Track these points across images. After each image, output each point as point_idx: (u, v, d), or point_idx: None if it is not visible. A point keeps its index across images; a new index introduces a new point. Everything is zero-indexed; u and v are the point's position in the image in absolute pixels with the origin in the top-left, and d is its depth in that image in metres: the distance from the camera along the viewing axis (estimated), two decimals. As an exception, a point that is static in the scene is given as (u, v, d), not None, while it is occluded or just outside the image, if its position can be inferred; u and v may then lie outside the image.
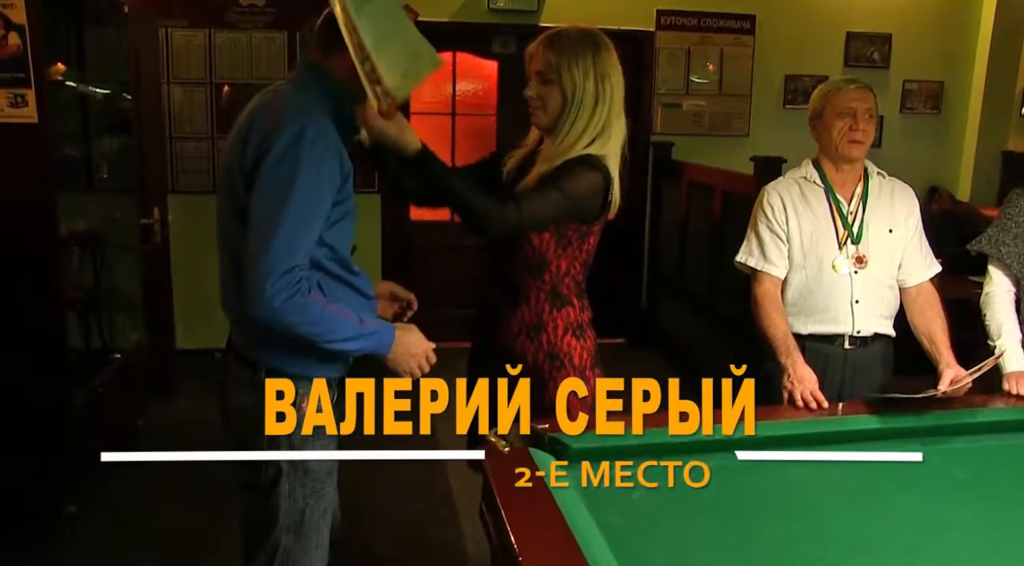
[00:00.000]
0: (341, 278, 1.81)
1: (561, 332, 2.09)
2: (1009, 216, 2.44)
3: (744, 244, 2.50)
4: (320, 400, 1.73)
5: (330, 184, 1.72)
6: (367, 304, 1.87)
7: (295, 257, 1.66)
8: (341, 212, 1.78)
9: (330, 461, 1.89)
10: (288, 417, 1.73)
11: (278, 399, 1.70)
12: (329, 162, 1.71)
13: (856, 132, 2.35)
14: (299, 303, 1.66)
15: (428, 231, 5.71)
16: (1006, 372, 2.25)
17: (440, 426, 1.60)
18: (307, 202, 1.67)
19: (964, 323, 2.56)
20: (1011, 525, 1.60)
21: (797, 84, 5.78)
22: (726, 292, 4.59)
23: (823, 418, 2.05)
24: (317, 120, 1.72)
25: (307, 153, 1.68)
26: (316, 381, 1.71)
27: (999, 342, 2.31)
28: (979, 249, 2.46)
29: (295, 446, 1.81)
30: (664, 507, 1.63)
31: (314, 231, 1.70)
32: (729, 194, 4.61)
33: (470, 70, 5.62)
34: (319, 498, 1.89)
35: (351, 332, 1.72)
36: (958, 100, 6.03)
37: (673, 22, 5.58)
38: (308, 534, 1.90)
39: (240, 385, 1.85)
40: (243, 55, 5.09)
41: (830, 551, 1.49)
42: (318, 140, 1.69)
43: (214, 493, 3.29)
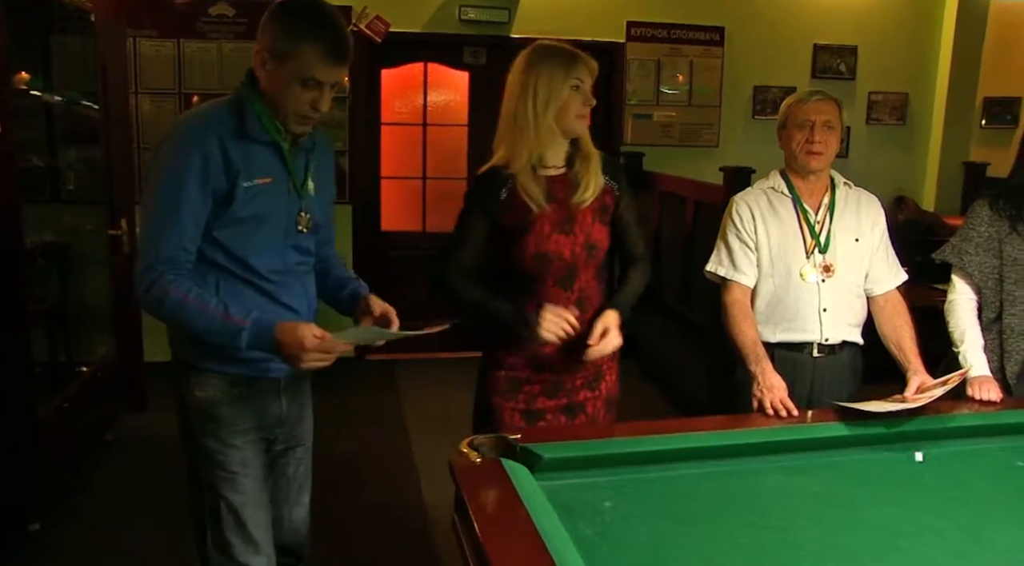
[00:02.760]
0: (248, 282, 1.89)
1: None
2: (972, 226, 2.47)
3: (714, 253, 2.52)
4: (216, 394, 1.91)
5: (194, 181, 1.78)
6: (275, 310, 1.89)
7: (158, 250, 1.79)
8: (233, 216, 1.83)
9: (240, 453, 1.95)
10: (191, 407, 1.93)
11: (181, 389, 1.94)
12: (195, 161, 1.78)
13: (812, 143, 2.37)
14: (155, 295, 1.79)
15: (400, 241, 5.69)
16: (970, 377, 2.29)
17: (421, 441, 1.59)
18: (166, 199, 1.79)
19: (931, 330, 2.59)
20: (979, 530, 1.62)
21: (766, 95, 5.84)
22: (698, 301, 4.62)
23: (793, 426, 2.06)
24: (192, 124, 1.84)
25: (167, 155, 1.81)
26: (215, 376, 1.91)
27: (962, 348, 2.36)
28: (943, 258, 2.50)
29: (195, 435, 1.96)
30: (636, 516, 1.64)
31: (179, 226, 1.79)
32: (700, 204, 4.65)
33: (441, 81, 5.62)
34: (234, 490, 1.95)
35: (213, 325, 1.79)
36: (922, 111, 6.13)
37: (643, 34, 5.63)
38: (231, 527, 1.95)
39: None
40: (213, 66, 5.06)
41: (800, 558, 1.50)
42: (180, 141, 1.81)
43: (186, 505, 3.25)
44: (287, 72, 1.80)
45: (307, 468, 2.19)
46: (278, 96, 1.84)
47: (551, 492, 1.63)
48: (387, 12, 5.18)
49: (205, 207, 1.81)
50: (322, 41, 1.79)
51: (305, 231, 1.97)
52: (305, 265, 2.03)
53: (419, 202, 5.74)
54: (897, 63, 6.03)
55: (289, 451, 2.12)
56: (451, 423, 4.47)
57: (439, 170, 5.72)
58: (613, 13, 5.56)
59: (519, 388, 2.22)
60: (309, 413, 2.19)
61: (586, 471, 1.78)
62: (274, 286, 1.92)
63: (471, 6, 5.33)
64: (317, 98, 1.84)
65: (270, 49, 1.82)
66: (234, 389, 1.93)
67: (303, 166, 1.97)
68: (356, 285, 2.15)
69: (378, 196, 5.63)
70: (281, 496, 2.13)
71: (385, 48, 5.29)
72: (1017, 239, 2.38)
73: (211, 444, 1.95)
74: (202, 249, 1.86)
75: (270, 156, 1.89)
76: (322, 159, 2.05)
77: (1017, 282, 2.37)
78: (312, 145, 1.98)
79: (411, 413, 4.65)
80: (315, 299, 2.07)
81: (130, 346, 4.40)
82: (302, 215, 1.95)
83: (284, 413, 2.05)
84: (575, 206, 2.16)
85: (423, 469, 3.86)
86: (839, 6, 5.87)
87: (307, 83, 1.81)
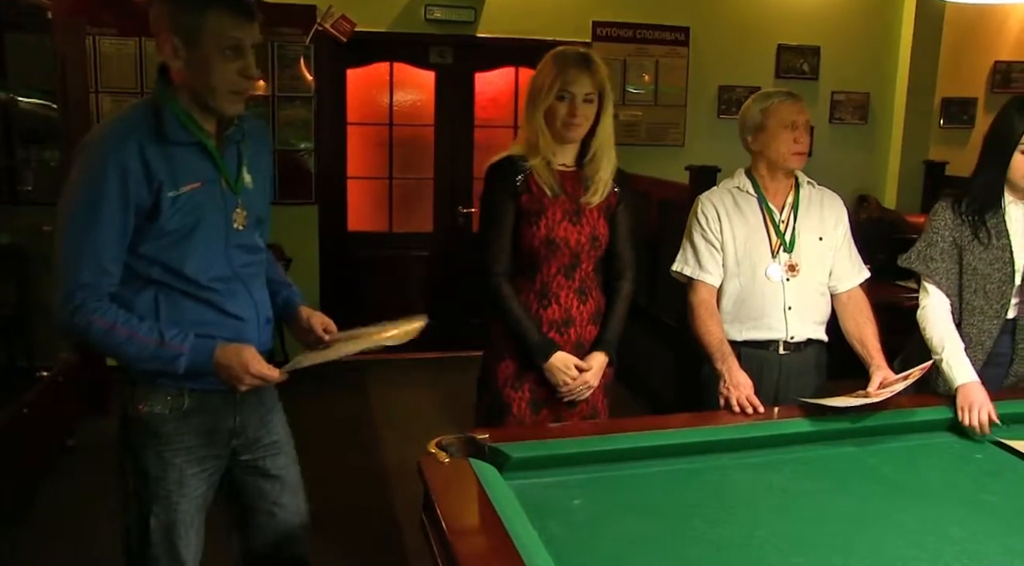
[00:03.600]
0: (189, 294, 1.77)
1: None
2: (935, 230, 2.39)
3: (680, 253, 2.54)
4: (162, 409, 1.81)
5: (112, 198, 1.66)
6: (219, 321, 1.80)
7: (77, 275, 1.67)
8: (161, 229, 1.71)
9: (179, 472, 1.84)
10: (133, 420, 1.83)
11: (124, 401, 1.84)
12: (112, 176, 1.65)
13: (799, 144, 2.40)
14: (81, 322, 1.68)
15: (366, 241, 5.66)
16: (957, 385, 2.17)
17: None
18: (82, 219, 1.67)
19: (893, 326, 2.62)
20: (938, 522, 1.65)
21: (731, 95, 5.90)
22: (664, 300, 4.64)
23: (759, 422, 2.08)
24: (107, 133, 1.71)
25: (82, 168, 1.68)
26: (163, 390, 1.80)
27: (944, 355, 2.25)
28: (909, 266, 2.43)
29: (133, 449, 1.84)
30: (604, 513, 1.64)
31: (97, 245, 1.67)
32: (665, 203, 4.68)
33: (407, 80, 5.59)
34: (165, 508, 1.85)
35: (146, 353, 1.71)
36: (883, 111, 6.23)
37: (609, 33, 5.65)
38: (160, 544, 1.86)
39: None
40: (175, 64, 4.99)
41: (766, 552, 1.52)
42: (95, 154, 1.68)
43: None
44: (203, 49, 1.69)
45: (295, 475, 2.06)
46: (202, 79, 1.71)
47: (520, 491, 1.63)
48: (352, 12, 5.15)
49: (126, 225, 1.69)
50: (227, 2, 1.70)
51: (242, 228, 1.84)
52: (253, 266, 1.90)
53: (385, 202, 5.71)
54: (858, 63, 6.12)
55: (262, 461, 1.98)
56: (419, 423, 4.48)
57: (406, 170, 5.70)
58: (579, 13, 5.57)
59: (524, 379, 2.30)
60: (277, 421, 2.04)
61: (554, 470, 1.78)
62: (217, 295, 1.80)
63: (437, 5, 5.31)
64: (244, 65, 1.72)
65: (176, 32, 1.70)
66: (183, 404, 1.82)
67: (235, 160, 1.84)
68: (289, 292, 2.06)
69: (344, 196, 5.60)
70: (266, 506, 2.00)
71: (351, 48, 5.26)
72: (978, 247, 2.33)
73: (149, 459, 1.83)
74: (134, 267, 1.74)
75: (196, 158, 1.76)
76: (256, 147, 1.92)
77: (976, 291, 2.33)
78: (241, 135, 1.86)
79: (379, 413, 4.63)
80: (267, 304, 1.94)
81: (92, 351, 4.32)
82: (238, 212, 1.83)
83: (239, 426, 1.92)
84: (584, 203, 2.29)
85: (392, 469, 3.85)
86: (802, 7, 5.95)
87: (227, 52, 1.70)
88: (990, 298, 2.33)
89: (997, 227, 2.33)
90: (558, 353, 2.25)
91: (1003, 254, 2.32)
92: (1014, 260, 2.32)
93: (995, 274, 2.32)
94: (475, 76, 5.62)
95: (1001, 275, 2.32)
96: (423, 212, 5.78)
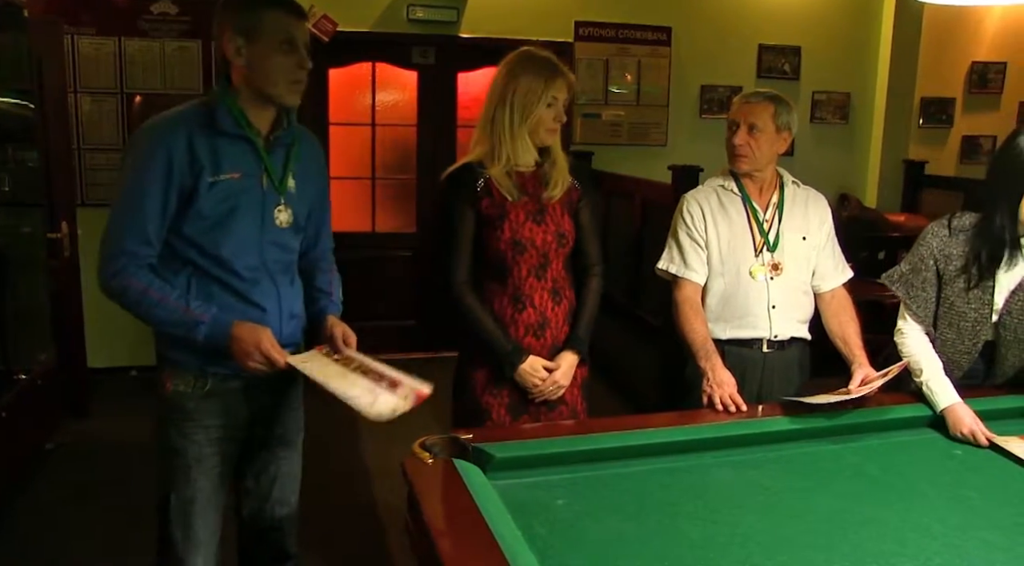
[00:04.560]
0: (220, 280, 1.90)
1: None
2: (921, 257, 2.31)
3: (665, 251, 2.54)
4: (185, 388, 1.94)
5: (158, 178, 1.81)
6: (242, 309, 1.91)
7: (122, 242, 1.83)
8: (199, 213, 1.85)
9: (199, 449, 1.96)
10: (163, 399, 1.97)
11: (156, 382, 1.98)
12: (160, 157, 1.81)
13: (733, 145, 2.42)
14: (119, 285, 1.83)
15: (349, 242, 5.64)
16: (940, 408, 2.13)
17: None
18: (131, 194, 1.83)
19: (875, 325, 2.63)
20: (919, 518, 1.66)
21: (712, 94, 5.92)
22: (648, 299, 4.66)
23: (743, 420, 2.09)
24: (161, 121, 1.87)
25: (134, 152, 1.86)
26: (188, 370, 1.93)
27: (923, 378, 2.20)
28: (890, 286, 2.37)
29: (161, 423, 1.98)
30: (588, 513, 1.64)
31: (142, 219, 1.83)
32: (649, 203, 4.69)
33: (390, 81, 5.58)
34: (185, 481, 1.96)
35: (173, 317, 1.84)
36: (863, 110, 6.27)
37: (591, 33, 5.65)
38: (177, 521, 1.97)
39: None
40: (156, 64, 4.94)
41: (750, 551, 1.52)
42: (147, 138, 1.84)
43: (127, 517, 3.18)
44: (264, 45, 1.85)
45: (292, 468, 2.17)
46: (264, 74, 1.87)
47: (503, 491, 1.63)
48: (335, 11, 5.13)
49: (168, 202, 1.83)
50: (281, 3, 1.88)
51: (285, 227, 1.97)
52: (283, 263, 2.00)
53: (368, 202, 5.69)
54: (839, 63, 6.16)
55: (270, 449, 2.11)
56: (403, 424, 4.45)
57: (388, 170, 5.68)
58: (561, 13, 5.58)
59: (502, 384, 2.28)
60: (295, 413, 2.16)
61: (538, 470, 1.78)
62: (245, 284, 1.91)
63: (419, 5, 5.30)
64: (300, 58, 1.90)
65: (238, 31, 1.85)
66: (205, 385, 1.94)
67: (282, 161, 1.97)
68: (328, 302, 2.15)
69: (327, 197, 5.57)
70: (263, 493, 2.12)
71: (333, 48, 5.23)
72: (962, 285, 2.23)
73: (172, 434, 1.96)
74: (175, 246, 1.88)
75: (241, 151, 1.89)
76: (308, 159, 2.06)
77: (950, 325, 2.29)
78: (292, 140, 2.00)
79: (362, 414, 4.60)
80: (293, 302, 2.04)
81: (72, 352, 4.29)
82: (280, 210, 1.95)
83: (258, 412, 2.04)
84: (546, 200, 2.28)
85: (375, 470, 3.84)
86: (783, 8, 5.98)
87: (285, 46, 1.86)
88: (963, 334, 2.27)
89: (990, 271, 2.20)
90: (527, 359, 2.24)
91: (983, 295, 2.23)
92: (994, 301, 2.23)
93: (971, 313, 2.25)
94: (458, 76, 5.61)
95: (977, 315, 2.25)
96: (406, 212, 5.76)
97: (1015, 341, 2.27)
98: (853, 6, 6.12)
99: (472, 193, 2.24)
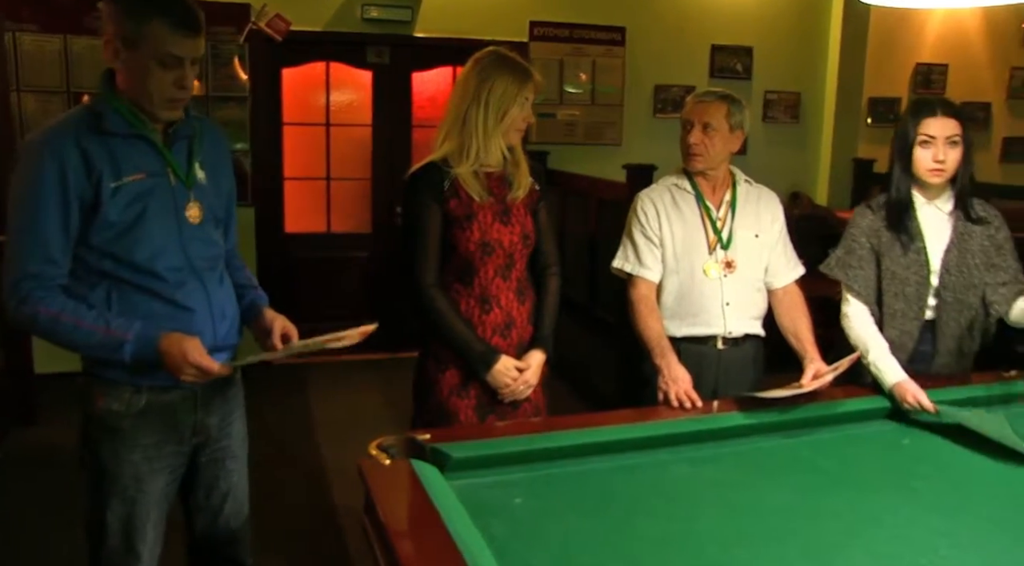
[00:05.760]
0: (141, 286, 1.80)
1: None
2: (853, 237, 2.45)
3: (620, 250, 2.56)
4: (120, 406, 1.83)
5: (52, 191, 1.70)
6: (170, 313, 1.82)
7: (24, 265, 1.72)
8: (106, 220, 1.75)
9: (136, 469, 1.87)
10: (92, 417, 1.86)
11: (84, 399, 1.87)
12: (51, 169, 1.70)
13: (690, 145, 2.44)
14: (28, 313, 1.72)
15: (304, 243, 5.59)
16: (889, 384, 2.23)
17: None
18: (26, 212, 1.72)
19: (827, 320, 2.68)
20: (870, 509, 1.70)
21: (666, 94, 5.98)
22: (604, 297, 4.68)
23: (699, 417, 2.11)
24: (48, 131, 1.75)
25: (24, 166, 1.74)
26: (122, 386, 1.83)
27: (870, 358, 2.30)
28: (829, 272, 2.48)
29: (90, 443, 1.87)
30: (546, 512, 1.65)
31: (42, 237, 1.71)
32: (604, 202, 4.71)
33: (344, 80, 5.54)
34: (122, 501, 1.87)
35: (92, 340, 1.74)
36: (814, 110, 6.38)
37: (546, 33, 5.67)
38: (116, 536, 1.88)
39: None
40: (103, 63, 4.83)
41: (707, 545, 1.54)
42: (36, 150, 1.73)
43: (78, 528, 3.11)
44: (143, 55, 1.73)
45: (242, 479, 2.09)
46: (140, 84, 1.75)
47: (461, 491, 1.63)
48: (287, 10, 5.07)
49: (69, 215, 1.72)
50: (170, 15, 1.72)
51: (198, 223, 1.87)
52: (209, 260, 1.91)
53: (323, 203, 5.64)
54: (790, 64, 6.26)
55: (220, 463, 2.02)
56: (359, 425, 4.43)
57: (343, 171, 5.64)
58: (516, 13, 5.59)
59: (470, 386, 2.27)
60: (239, 424, 2.08)
61: (496, 469, 1.78)
62: (168, 287, 1.82)
63: (374, 5, 5.26)
64: (181, 76, 1.76)
65: (119, 35, 1.74)
66: (142, 400, 1.84)
67: (185, 154, 1.87)
68: (255, 295, 2.07)
69: (281, 197, 5.51)
70: (215, 508, 2.04)
71: (286, 47, 5.19)
72: (896, 251, 2.39)
73: (106, 455, 1.85)
74: (87, 260, 1.77)
75: (140, 151, 1.79)
76: (213, 149, 1.96)
77: (896, 295, 2.39)
78: (193, 132, 1.89)
79: (319, 416, 4.57)
80: (224, 302, 1.95)
81: (19, 358, 4.19)
82: (191, 205, 1.86)
83: (200, 423, 1.95)
84: (510, 201, 2.28)
85: (332, 472, 3.80)
86: (735, 8, 6.06)
87: (166, 62, 1.74)
88: (909, 301, 2.39)
89: (912, 230, 2.39)
90: (500, 359, 2.24)
91: (919, 257, 2.38)
92: (929, 262, 2.38)
93: (912, 277, 2.38)
94: (412, 76, 5.59)
95: (917, 278, 2.38)
96: (361, 213, 5.72)
97: (955, 303, 2.38)
98: (803, 8, 6.22)
99: (439, 193, 2.22)
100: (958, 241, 2.38)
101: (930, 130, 2.33)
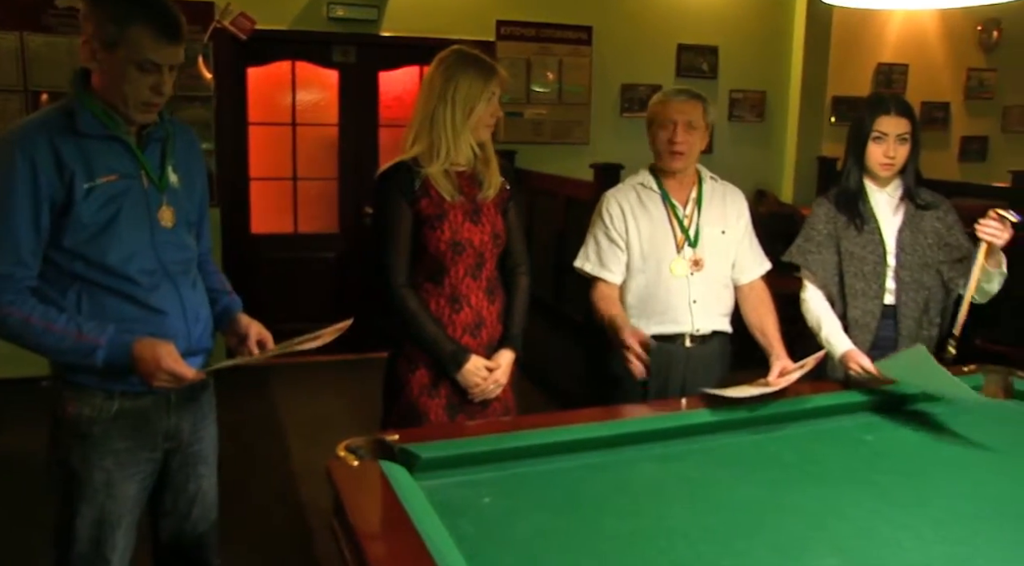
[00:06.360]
0: (113, 289, 1.78)
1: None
2: (811, 225, 2.57)
3: (582, 249, 2.57)
4: (90, 411, 1.81)
5: (23, 191, 1.68)
6: (143, 316, 1.80)
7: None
8: (79, 221, 1.72)
9: (107, 475, 1.84)
10: (62, 422, 1.83)
11: (54, 403, 1.84)
12: (22, 169, 1.68)
13: (674, 144, 2.45)
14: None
15: (271, 243, 5.54)
16: (839, 354, 2.39)
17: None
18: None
19: (793, 316, 2.71)
20: (835, 503, 1.71)
21: (633, 93, 6.01)
22: (572, 297, 4.69)
23: (666, 414, 2.12)
24: (18, 130, 1.73)
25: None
26: (93, 391, 1.80)
27: (823, 334, 2.45)
28: (789, 260, 2.58)
29: (59, 448, 1.84)
30: (515, 511, 1.65)
31: (13, 238, 1.69)
32: (571, 201, 4.73)
33: (310, 80, 5.50)
34: (91, 508, 1.84)
35: (64, 345, 1.71)
36: (778, 109, 6.46)
37: (512, 32, 5.68)
38: (81, 541, 1.85)
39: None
40: (63, 61, 4.77)
41: (675, 542, 1.55)
42: (5, 151, 1.70)
43: (44, 534, 3.06)
44: (120, 59, 1.71)
45: (212, 483, 2.08)
46: (116, 86, 1.74)
47: (430, 491, 1.62)
48: (252, 9, 5.03)
49: (39, 216, 1.70)
50: (152, 20, 1.71)
51: (170, 226, 1.85)
52: (182, 264, 1.90)
53: (290, 203, 5.60)
54: (755, 63, 6.32)
55: (190, 467, 2.00)
56: (327, 427, 4.40)
57: (310, 171, 5.60)
58: (482, 12, 5.58)
59: (440, 385, 2.27)
60: (211, 428, 2.07)
61: (464, 469, 1.77)
62: (140, 289, 1.80)
63: (339, 3, 5.24)
64: (158, 82, 1.75)
65: (97, 37, 1.72)
66: (113, 406, 1.82)
67: (158, 157, 1.86)
68: (229, 300, 2.06)
69: (247, 198, 5.46)
70: (183, 513, 2.02)
71: (251, 46, 5.14)
72: (852, 232, 2.49)
73: (75, 461, 1.82)
74: (58, 262, 1.75)
75: (113, 152, 1.78)
76: (186, 152, 1.95)
77: (856, 275, 2.48)
78: (166, 134, 1.88)
79: (286, 417, 4.53)
80: (199, 304, 1.94)
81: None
82: (164, 209, 1.84)
83: (173, 428, 1.93)
84: (480, 200, 2.28)
85: (300, 474, 3.78)
86: (700, 8, 6.11)
87: (144, 67, 1.72)
88: (868, 280, 2.48)
89: (865, 213, 2.51)
90: (471, 359, 2.25)
91: (874, 237, 2.50)
92: (884, 242, 2.49)
93: (869, 256, 2.49)
94: (379, 75, 5.57)
95: (874, 257, 2.49)
96: (328, 213, 5.69)
97: (912, 282, 2.48)
98: (768, 8, 6.29)
99: (410, 192, 2.22)
100: (909, 222, 2.51)
101: (883, 127, 2.45)
